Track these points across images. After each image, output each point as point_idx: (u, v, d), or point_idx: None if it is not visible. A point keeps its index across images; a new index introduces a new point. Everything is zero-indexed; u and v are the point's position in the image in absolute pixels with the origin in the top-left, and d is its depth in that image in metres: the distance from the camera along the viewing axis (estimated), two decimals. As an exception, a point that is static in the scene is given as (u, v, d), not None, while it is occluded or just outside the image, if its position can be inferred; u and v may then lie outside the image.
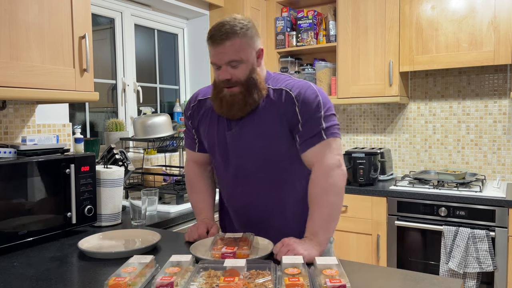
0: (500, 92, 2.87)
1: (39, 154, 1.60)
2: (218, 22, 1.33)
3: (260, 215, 1.46)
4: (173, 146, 2.80)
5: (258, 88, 1.35)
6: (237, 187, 1.46)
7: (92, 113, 2.67)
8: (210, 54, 1.34)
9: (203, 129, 1.50)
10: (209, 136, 1.48)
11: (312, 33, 3.19)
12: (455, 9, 2.67)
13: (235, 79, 1.33)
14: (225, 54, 1.30)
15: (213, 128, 1.46)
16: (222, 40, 1.29)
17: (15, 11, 1.50)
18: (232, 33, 1.29)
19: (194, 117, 1.53)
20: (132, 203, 1.78)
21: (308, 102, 1.33)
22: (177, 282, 0.99)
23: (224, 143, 1.43)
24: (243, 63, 1.32)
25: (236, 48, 1.30)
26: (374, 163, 2.81)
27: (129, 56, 2.84)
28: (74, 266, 1.27)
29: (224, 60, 1.31)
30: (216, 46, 1.30)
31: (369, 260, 2.73)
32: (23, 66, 1.53)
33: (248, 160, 1.40)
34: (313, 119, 1.33)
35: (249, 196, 1.45)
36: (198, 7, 3.11)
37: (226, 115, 1.38)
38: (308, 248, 1.23)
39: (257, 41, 1.36)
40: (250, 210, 1.47)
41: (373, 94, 2.91)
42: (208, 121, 1.48)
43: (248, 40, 1.32)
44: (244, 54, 1.31)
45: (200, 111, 1.51)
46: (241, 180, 1.44)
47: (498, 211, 2.35)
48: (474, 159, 2.96)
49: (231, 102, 1.34)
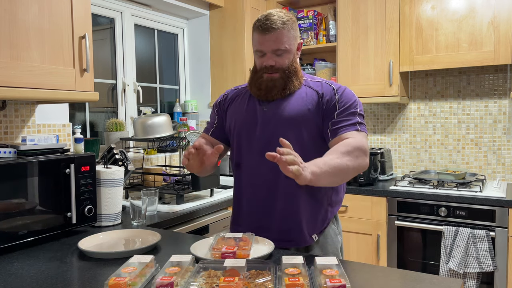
0: (500, 92, 2.87)
1: (39, 154, 1.60)
2: (265, 13, 1.43)
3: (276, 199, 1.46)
4: (173, 146, 2.80)
5: (297, 76, 1.47)
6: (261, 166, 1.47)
7: (92, 113, 2.67)
8: (255, 42, 1.43)
9: (233, 108, 1.57)
10: (238, 114, 1.54)
11: (312, 33, 3.19)
12: (455, 9, 2.67)
13: (278, 66, 1.43)
14: (273, 42, 1.40)
15: (243, 106, 1.54)
16: (272, 29, 1.39)
17: (15, 11, 1.50)
18: (282, 24, 1.40)
19: (224, 103, 1.62)
20: (132, 203, 1.78)
21: (347, 97, 1.44)
22: (177, 282, 0.99)
23: (254, 121, 1.49)
24: (287, 52, 1.43)
25: (283, 38, 1.40)
26: (374, 163, 2.81)
27: (129, 56, 2.84)
28: (74, 266, 1.27)
29: (271, 47, 1.41)
30: (265, 34, 1.40)
31: (369, 260, 2.73)
32: (23, 66, 1.53)
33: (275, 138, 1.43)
34: (350, 111, 1.41)
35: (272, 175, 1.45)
36: (198, 7, 3.11)
37: (264, 97, 1.47)
38: (307, 166, 1.17)
39: (298, 35, 1.49)
40: (271, 189, 1.47)
41: (373, 94, 2.91)
42: (239, 102, 1.57)
43: (293, 32, 1.44)
44: (289, 44, 1.42)
45: (233, 97, 1.61)
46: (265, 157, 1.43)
47: (498, 211, 2.35)
48: (474, 159, 2.96)
49: (272, 86, 1.44)
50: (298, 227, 1.46)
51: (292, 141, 1.41)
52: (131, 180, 2.46)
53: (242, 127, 1.52)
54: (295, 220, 1.46)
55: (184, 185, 2.32)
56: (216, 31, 3.18)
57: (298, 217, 1.46)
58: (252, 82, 1.49)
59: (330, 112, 1.42)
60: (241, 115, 1.53)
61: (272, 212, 1.48)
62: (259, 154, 1.46)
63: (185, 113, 3.23)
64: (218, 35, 3.17)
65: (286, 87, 1.45)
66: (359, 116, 1.42)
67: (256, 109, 1.50)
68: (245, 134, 1.51)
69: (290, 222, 1.47)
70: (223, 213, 2.27)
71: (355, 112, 1.41)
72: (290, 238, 1.47)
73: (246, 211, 1.54)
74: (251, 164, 1.51)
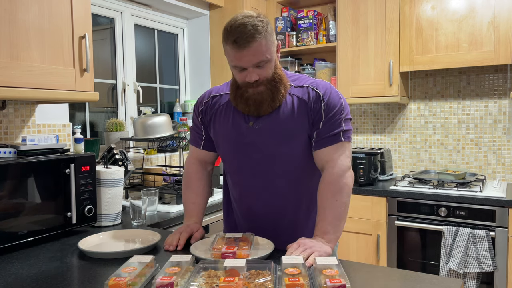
0: (500, 92, 2.87)
1: (39, 154, 1.60)
2: (235, 22, 1.25)
3: (274, 213, 1.46)
4: (173, 146, 2.80)
5: (283, 83, 1.37)
6: (254, 181, 1.44)
7: (92, 113, 2.67)
8: (231, 57, 1.28)
9: (217, 124, 1.46)
10: (223, 131, 1.45)
11: (312, 33, 3.19)
12: (455, 9, 2.67)
13: (262, 78, 1.31)
14: (253, 56, 1.25)
15: (228, 123, 1.43)
16: (248, 43, 1.23)
17: (15, 11, 1.50)
18: (258, 34, 1.24)
19: (206, 113, 1.50)
20: (132, 203, 1.78)
21: (333, 103, 1.36)
22: (177, 282, 0.99)
23: (241, 138, 1.41)
24: (269, 61, 1.30)
25: (262, 48, 1.25)
26: (374, 163, 2.81)
27: (129, 56, 2.84)
28: (74, 266, 1.27)
29: (252, 62, 1.27)
30: (242, 49, 1.24)
31: (369, 260, 2.73)
32: (23, 66, 1.53)
33: (268, 155, 1.40)
34: (335, 119, 1.35)
35: (265, 191, 1.44)
36: (198, 7, 3.11)
37: (255, 113, 1.37)
38: (322, 246, 1.25)
39: (275, 37, 1.33)
40: (264, 207, 1.46)
41: (373, 94, 2.91)
42: (222, 116, 1.45)
43: (270, 38, 1.28)
44: (269, 53, 1.28)
45: (214, 107, 1.48)
46: (258, 175, 1.43)
47: (498, 211, 2.35)
48: (474, 159, 2.96)
49: (260, 100, 1.34)
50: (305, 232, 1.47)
51: (285, 156, 1.39)
52: (131, 180, 2.46)
53: (230, 146, 1.44)
54: (302, 227, 1.47)
55: (184, 185, 2.31)
56: (216, 31, 3.18)
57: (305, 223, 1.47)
58: (237, 98, 1.37)
59: (316, 121, 1.36)
60: (228, 132, 1.43)
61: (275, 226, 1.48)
62: (251, 173, 1.43)
63: (185, 113, 3.23)
64: (218, 35, 3.17)
65: (275, 99, 1.34)
66: (345, 122, 1.36)
67: (241, 126, 1.40)
68: (233, 153, 1.44)
69: (298, 231, 1.46)
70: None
71: (340, 120, 1.35)
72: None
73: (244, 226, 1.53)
74: (243, 183, 1.47)
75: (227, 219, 1.61)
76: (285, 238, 1.40)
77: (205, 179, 1.57)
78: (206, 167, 1.59)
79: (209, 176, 1.60)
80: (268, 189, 1.43)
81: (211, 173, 1.62)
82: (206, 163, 1.58)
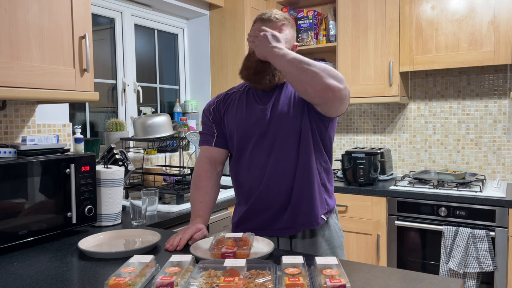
0: (500, 92, 2.87)
1: (39, 154, 1.60)
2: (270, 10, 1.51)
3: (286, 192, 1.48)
4: (173, 146, 2.81)
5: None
6: (268, 163, 1.47)
7: (92, 113, 2.67)
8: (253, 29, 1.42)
9: (232, 112, 1.55)
10: (239, 114, 1.53)
11: (312, 33, 3.19)
12: (455, 9, 2.67)
13: None
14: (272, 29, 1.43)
15: (242, 108, 1.53)
16: (274, 20, 1.47)
17: (15, 11, 1.50)
18: (283, 19, 1.48)
19: (219, 109, 1.60)
20: (132, 203, 1.78)
21: None
22: (177, 282, 0.99)
23: (256, 120, 1.49)
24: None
25: (282, 29, 1.46)
26: (374, 163, 2.81)
27: (129, 56, 2.84)
28: (74, 266, 1.27)
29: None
30: (266, 23, 1.46)
31: (369, 260, 2.73)
32: (23, 66, 1.53)
33: (281, 132, 1.46)
34: None
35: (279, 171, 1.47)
36: (198, 7, 3.11)
37: (252, 79, 1.47)
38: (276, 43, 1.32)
39: (295, 37, 1.55)
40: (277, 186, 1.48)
41: (373, 94, 2.91)
42: (236, 104, 1.56)
43: (291, 31, 1.50)
44: (285, 38, 1.45)
45: (227, 101, 1.60)
46: (273, 156, 1.47)
47: (498, 211, 2.35)
48: (474, 159, 2.96)
49: (260, 68, 1.45)
50: (310, 208, 1.48)
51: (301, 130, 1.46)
52: (131, 180, 2.46)
53: (246, 130, 1.51)
54: (308, 202, 1.48)
55: (184, 185, 2.32)
56: (216, 31, 3.18)
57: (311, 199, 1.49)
58: (243, 66, 1.51)
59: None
60: (243, 115, 1.52)
61: (286, 202, 1.49)
62: (268, 151, 1.47)
63: (185, 113, 3.23)
64: (218, 35, 3.17)
65: (275, 74, 1.46)
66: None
67: (255, 108, 1.51)
68: (250, 136, 1.50)
69: (303, 206, 1.48)
70: (223, 213, 2.27)
71: None
72: (302, 221, 1.49)
73: (257, 208, 1.53)
74: (259, 161, 1.50)
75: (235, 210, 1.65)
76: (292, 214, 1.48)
77: (214, 179, 1.60)
78: (216, 167, 1.61)
79: (218, 176, 1.62)
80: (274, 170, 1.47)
81: (221, 174, 1.64)
82: (216, 162, 1.60)
